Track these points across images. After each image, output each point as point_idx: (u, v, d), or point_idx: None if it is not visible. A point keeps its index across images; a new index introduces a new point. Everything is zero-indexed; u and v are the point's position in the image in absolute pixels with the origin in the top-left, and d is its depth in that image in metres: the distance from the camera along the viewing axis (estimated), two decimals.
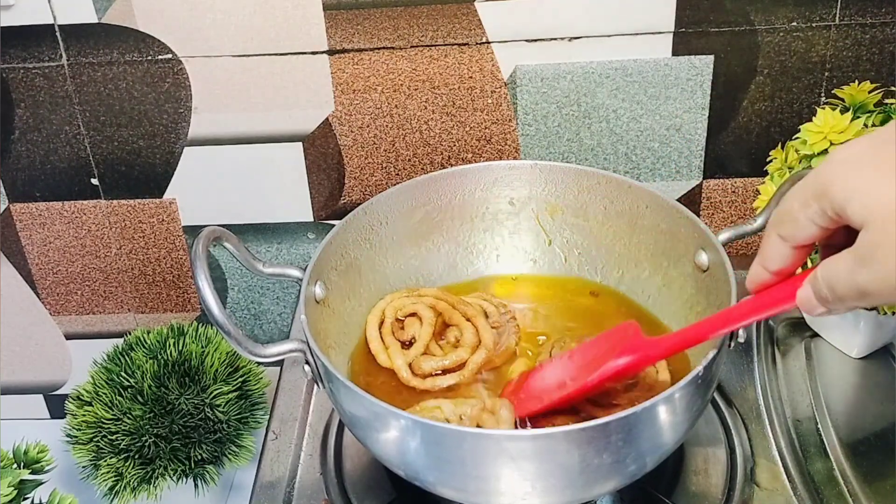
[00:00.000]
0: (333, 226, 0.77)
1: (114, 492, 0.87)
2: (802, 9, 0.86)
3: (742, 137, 0.92)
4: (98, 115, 0.96)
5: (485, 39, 0.89)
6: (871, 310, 0.77)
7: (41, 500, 0.75)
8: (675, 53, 0.89)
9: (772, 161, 0.83)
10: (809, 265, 0.52)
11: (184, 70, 0.93)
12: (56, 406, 1.16)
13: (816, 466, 0.72)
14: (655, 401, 0.57)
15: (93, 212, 1.02)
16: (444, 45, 0.90)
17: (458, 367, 0.73)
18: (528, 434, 0.57)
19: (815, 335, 0.86)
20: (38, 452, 0.77)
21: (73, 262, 1.05)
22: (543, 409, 0.65)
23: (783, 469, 0.73)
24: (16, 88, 0.94)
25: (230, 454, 0.90)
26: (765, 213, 0.72)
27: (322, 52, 0.91)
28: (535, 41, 0.89)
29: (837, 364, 0.83)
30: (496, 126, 0.94)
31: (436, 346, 0.75)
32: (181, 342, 0.92)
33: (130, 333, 0.96)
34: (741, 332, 0.64)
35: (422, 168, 0.97)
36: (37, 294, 1.08)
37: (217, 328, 0.60)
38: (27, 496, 0.75)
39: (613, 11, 0.87)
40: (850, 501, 0.69)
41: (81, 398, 0.90)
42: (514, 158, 0.95)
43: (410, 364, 0.73)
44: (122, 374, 0.90)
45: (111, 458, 0.87)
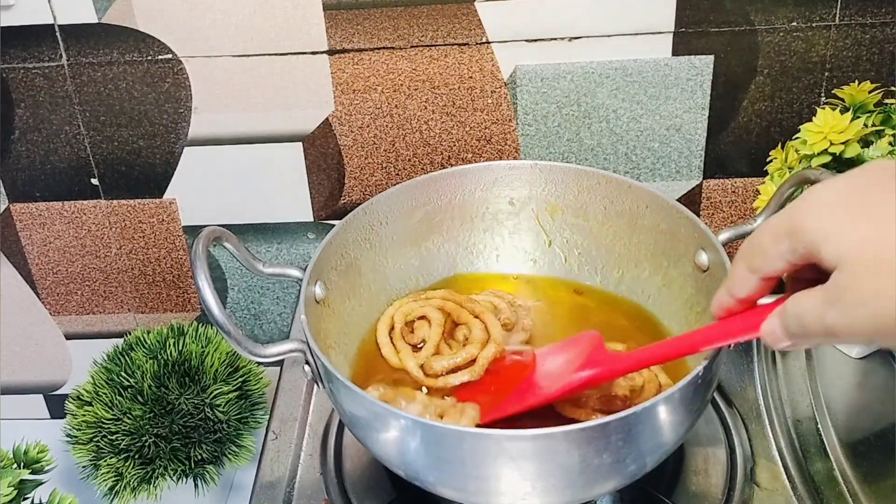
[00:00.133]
0: (333, 226, 0.77)
1: (114, 492, 0.87)
2: (802, 9, 0.86)
3: (742, 137, 0.92)
4: (98, 115, 0.96)
5: (485, 39, 0.89)
6: None
7: (41, 500, 0.75)
8: (675, 53, 0.89)
9: (772, 161, 0.83)
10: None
11: (184, 70, 0.93)
12: (56, 406, 1.16)
13: (816, 466, 0.72)
14: (655, 401, 0.57)
15: (93, 212, 1.02)
16: (444, 45, 0.90)
17: (469, 364, 0.72)
18: (529, 434, 0.57)
19: None
20: (38, 452, 0.77)
21: (73, 262, 1.05)
22: (505, 416, 0.65)
23: (783, 469, 0.73)
24: (16, 88, 0.94)
25: (230, 454, 0.90)
26: (765, 214, 0.72)
27: (322, 52, 0.91)
28: (535, 41, 0.89)
29: (837, 364, 0.83)
30: (496, 126, 0.94)
31: (445, 346, 0.75)
32: (181, 342, 0.92)
33: (130, 333, 0.96)
34: None
35: (422, 168, 0.97)
36: (37, 294, 1.08)
37: (217, 328, 0.60)
38: (27, 496, 0.75)
39: (613, 11, 0.87)
40: (850, 501, 0.69)
41: (81, 398, 0.90)
42: (514, 158, 0.95)
43: (422, 365, 0.73)
44: (122, 374, 0.90)
45: (111, 458, 0.87)
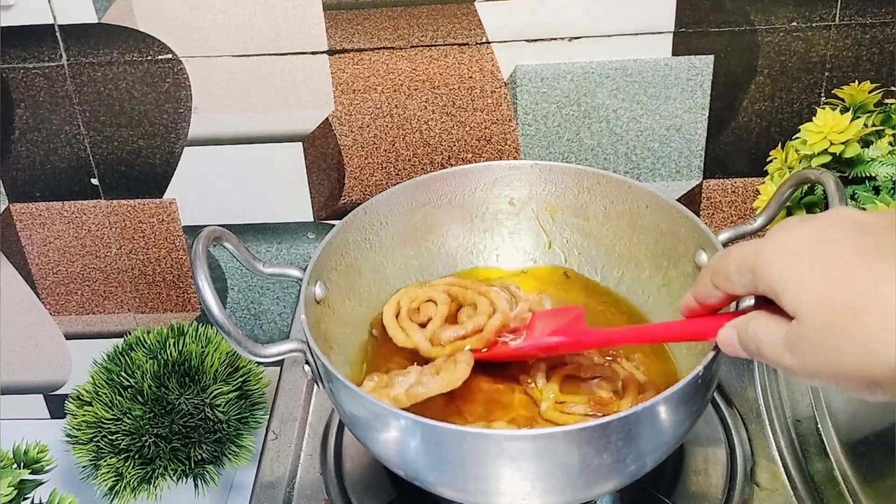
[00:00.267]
0: (333, 226, 0.77)
1: (114, 492, 0.87)
2: (802, 9, 0.86)
3: (742, 137, 0.92)
4: (98, 115, 0.96)
5: (485, 39, 0.89)
6: None
7: (41, 500, 0.75)
8: (675, 53, 0.89)
9: (772, 161, 0.83)
10: None
11: (184, 70, 0.93)
12: (56, 406, 1.16)
13: (816, 466, 0.72)
14: (655, 401, 0.57)
15: (93, 212, 1.02)
16: (444, 45, 0.90)
17: (477, 333, 0.72)
18: (529, 434, 0.57)
19: None
20: (38, 452, 0.77)
21: (73, 262, 1.05)
22: (487, 358, 0.70)
23: (783, 469, 0.73)
24: (16, 88, 0.94)
25: (230, 454, 0.90)
26: (765, 213, 0.72)
27: (322, 52, 0.91)
28: (535, 41, 0.89)
29: None
30: (496, 126, 0.94)
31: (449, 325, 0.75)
32: (181, 342, 0.92)
33: (130, 333, 0.96)
34: None
35: (422, 168, 0.97)
36: (37, 294, 1.08)
37: (217, 328, 0.60)
38: (27, 496, 0.75)
39: (613, 11, 0.87)
40: (850, 501, 0.69)
41: (81, 398, 0.90)
42: (514, 158, 0.95)
43: (430, 338, 0.73)
44: (122, 374, 0.90)
45: (111, 458, 0.87)
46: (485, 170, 0.82)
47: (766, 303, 0.49)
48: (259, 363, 0.96)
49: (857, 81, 0.77)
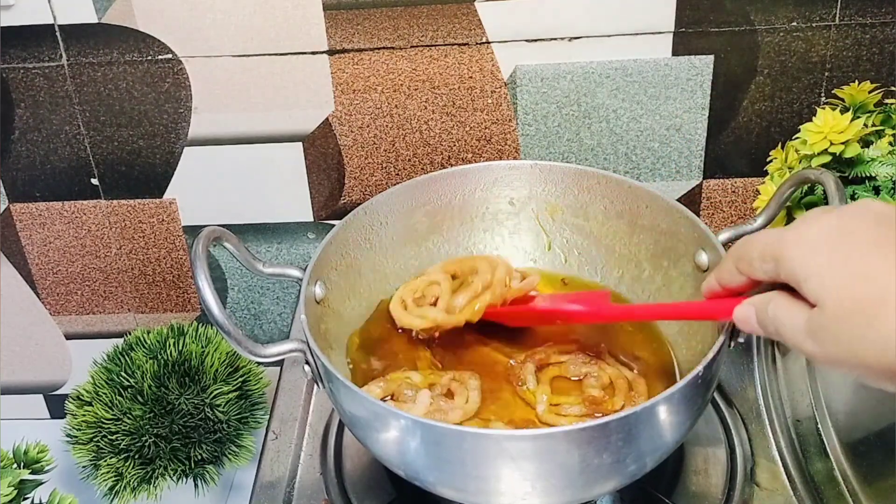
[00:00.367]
0: (333, 226, 0.77)
1: (114, 492, 0.87)
2: (802, 9, 0.86)
3: (742, 137, 0.92)
4: (98, 115, 0.96)
5: (485, 39, 0.89)
6: None
7: (41, 500, 0.75)
8: (675, 53, 0.89)
9: (772, 161, 0.83)
10: None
11: (184, 70, 0.93)
12: (56, 406, 1.16)
13: (816, 466, 0.72)
14: (655, 401, 0.57)
15: (93, 212, 1.02)
16: (444, 45, 0.90)
17: (488, 288, 0.73)
18: (529, 434, 0.57)
19: None
20: (38, 452, 0.77)
21: (73, 262, 1.05)
22: (505, 314, 0.73)
23: (783, 469, 0.73)
24: (16, 88, 0.94)
25: (230, 454, 0.90)
26: (765, 213, 0.72)
27: (322, 52, 0.91)
28: (535, 41, 0.89)
29: None
30: (496, 126, 0.94)
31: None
32: (181, 342, 0.92)
33: (130, 333, 0.96)
34: (741, 333, 0.64)
35: (422, 168, 0.97)
36: (37, 294, 1.08)
37: (217, 328, 0.60)
38: (27, 496, 0.75)
39: (613, 11, 0.87)
40: (850, 501, 0.69)
41: (81, 398, 0.90)
42: (514, 158, 0.95)
43: (445, 310, 0.73)
44: (122, 374, 0.90)
45: (111, 458, 0.87)
46: (485, 170, 0.82)
47: (787, 289, 0.49)
48: (259, 363, 0.95)
49: (857, 81, 0.77)
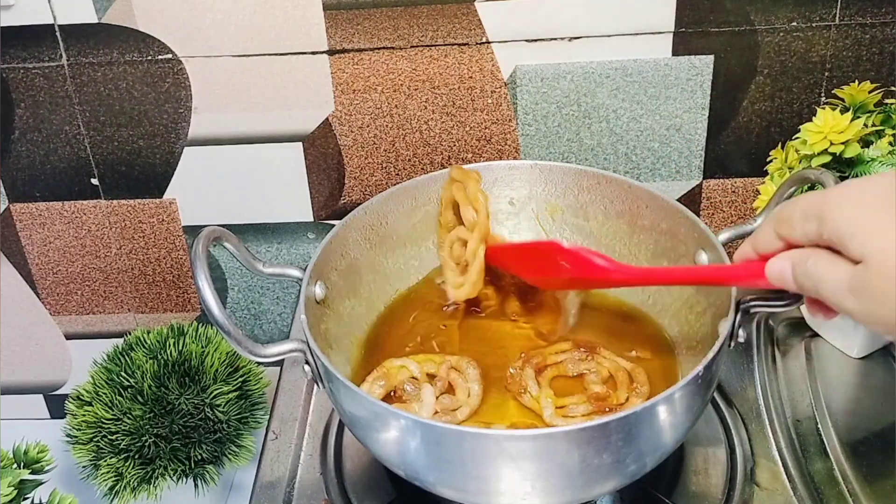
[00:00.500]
0: (333, 226, 0.77)
1: (114, 492, 0.87)
2: (802, 9, 0.86)
3: (742, 137, 0.92)
4: (98, 115, 0.96)
5: (485, 39, 0.89)
6: None
7: (41, 500, 0.75)
8: (675, 53, 0.89)
9: (772, 161, 0.83)
10: None
11: (184, 70, 0.93)
12: (56, 406, 1.16)
13: (816, 466, 0.72)
14: (655, 401, 0.57)
15: (93, 212, 1.02)
16: (444, 45, 0.90)
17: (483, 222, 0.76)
18: (529, 434, 0.57)
19: (815, 335, 0.86)
20: (38, 452, 0.77)
21: (73, 262, 1.05)
22: (509, 248, 0.75)
23: (783, 469, 0.73)
24: (16, 88, 0.94)
25: (230, 454, 0.90)
26: (765, 214, 0.72)
27: (322, 52, 0.91)
28: (535, 41, 0.89)
29: (837, 364, 0.83)
30: (496, 126, 0.94)
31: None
32: (181, 342, 0.92)
33: (130, 333, 0.96)
34: (741, 333, 0.64)
35: (422, 168, 0.97)
36: (37, 294, 1.08)
37: (217, 328, 0.60)
38: (27, 496, 0.75)
39: (613, 11, 0.87)
40: (850, 501, 0.69)
41: (81, 398, 0.90)
42: (514, 158, 0.95)
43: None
44: (122, 374, 0.90)
45: (111, 458, 0.87)
46: (485, 170, 0.82)
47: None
48: (259, 363, 0.95)
49: (857, 81, 0.77)
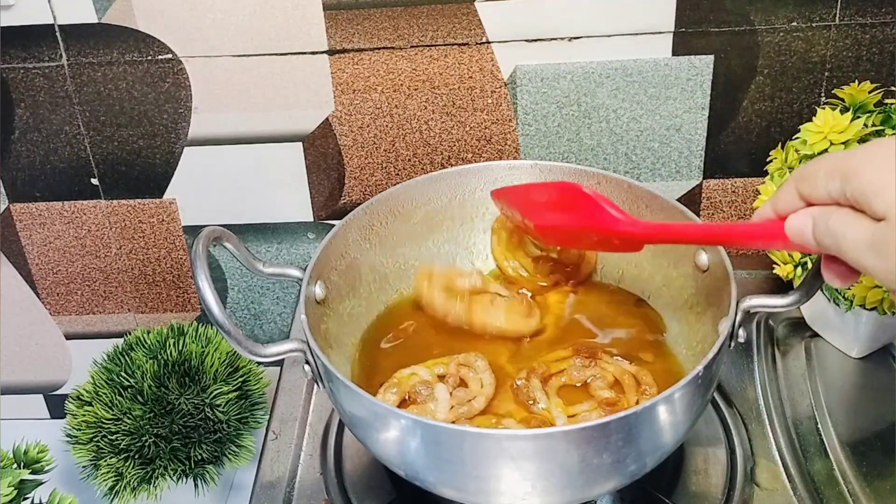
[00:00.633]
0: (333, 226, 0.77)
1: (114, 492, 0.87)
2: (802, 9, 0.86)
3: (742, 137, 0.92)
4: (98, 115, 0.96)
5: (485, 39, 0.89)
6: (871, 310, 0.77)
7: (41, 500, 0.75)
8: (675, 53, 0.89)
9: (772, 161, 0.83)
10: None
11: (184, 70, 0.93)
12: (56, 406, 1.16)
13: (816, 466, 0.72)
14: (655, 401, 0.57)
15: (93, 212, 1.02)
16: (444, 45, 0.90)
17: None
18: (529, 433, 0.57)
19: (815, 335, 0.86)
20: (38, 452, 0.77)
21: (73, 262, 1.05)
22: (525, 187, 0.76)
23: (783, 469, 0.73)
24: (16, 88, 0.94)
25: (230, 454, 0.90)
26: None
27: (322, 52, 0.91)
28: (535, 41, 0.89)
29: (837, 364, 0.83)
30: (496, 126, 0.94)
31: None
32: (181, 342, 0.92)
33: (130, 333, 0.96)
34: (741, 333, 0.65)
35: (422, 168, 0.97)
36: (37, 294, 1.08)
37: (217, 328, 0.60)
38: (27, 496, 0.75)
39: (613, 11, 0.87)
40: (850, 501, 0.69)
41: (81, 398, 0.90)
42: (514, 158, 0.95)
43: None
44: (122, 374, 0.90)
45: (111, 458, 0.87)
46: (485, 170, 0.82)
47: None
48: (259, 363, 0.96)
49: (857, 81, 0.77)
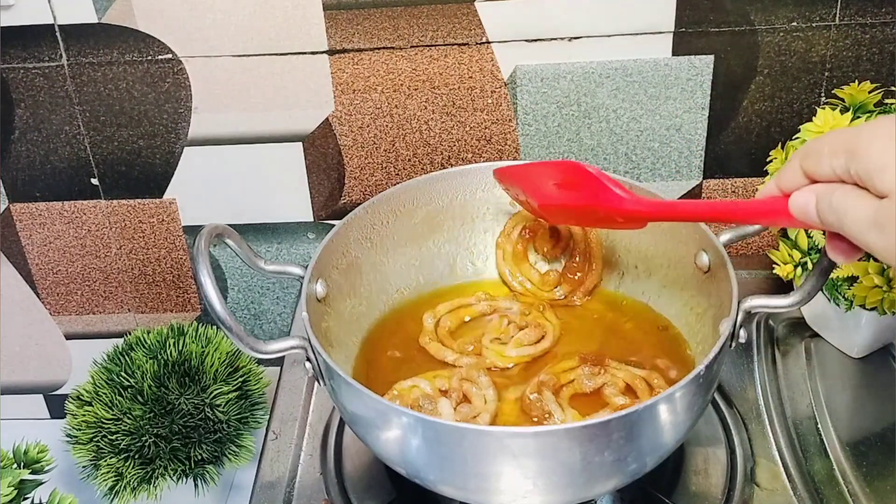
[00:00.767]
0: (333, 226, 0.77)
1: (114, 492, 0.86)
2: (802, 9, 0.86)
3: (742, 137, 0.93)
4: (98, 115, 0.96)
5: (485, 39, 0.89)
6: (871, 310, 0.77)
7: (41, 500, 0.75)
8: (675, 53, 0.89)
9: (772, 161, 0.83)
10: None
11: (184, 70, 0.93)
12: (56, 406, 1.16)
13: (816, 466, 0.72)
14: (656, 400, 0.57)
15: (93, 212, 1.02)
16: (444, 45, 0.90)
17: None
18: (530, 431, 0.57)
19: (815, 335, 0.86)
20: (38, 452, 0.77)
21: (73, 262, 1.05)
22: (526, 166, 0.74)
23: (783, 469, 0.73)
24: (16, 88, 0.94)
25: (230, 454, 0.90)
26: None
27: (322, 52, 0.91)
28: (535, 41, 0.89)
29: (837, 364, 0.83)
30: (496, 126, 0.94)
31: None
32: (181, 342, 0.92)
33: (130, 333, 0.96)
34: (742, 333, 0.65)
35: (422, 168, 0.97)
36: (37, 294, 1.08)
37: (219, 324, 0.60)
38: (27, 496, 0.75)
39: (613, 11, 0.87)
40: (850, 501, 0.69)
41: (81, 398, 0.90)
42: (514, 158, 0.95)
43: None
44: (122, 374, 0.90)
45: (111, 458, 0.87)
46: (485, 170, 0.82)
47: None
48: (260, 361, 0.95)
49: (857, 81, 0.77)
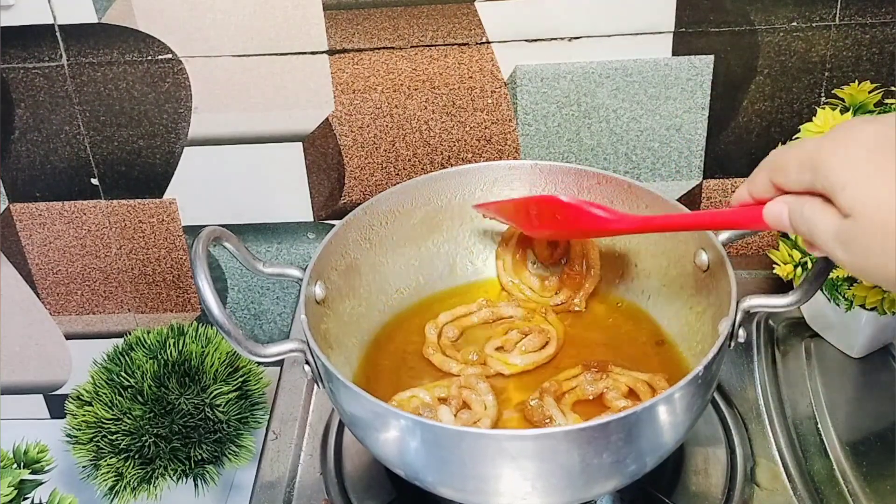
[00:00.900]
0: (333, 226, 0.77)
1: (114, 492, 0.87)
2: (802, 9, 0.86)
3: (742, 137, 0.93)
4: (98, 115, 0.96)
5: (485, 39, 0.89)
6: (871, 310, 0.77)
7: (41, 500, 0.75)
8: (675, 53, 0.89)
9: None
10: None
11: (184, 70, 0.93)
12: (56, 406, 1.16)
13: (816, 466, 0.72)
14: (655, 400, 0.57)
15: (93, 212, 1.02)
16: (444, 45, 0.90)
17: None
18: (529, 434, 0.57)
19: (815, 335, 0.86)
20: (38, 452, 0.77)
21: (73, 262, 1.05)
22: (506, 203, 0.77)
23: (783, 469, 0.73)
24: (16, 88, 0.94)
25: (230, 454, 0.90)
26: None
27: (322, 52, 0.91)
28: (535, 41, 0.89)
29: (837, 364, 0.83)
30: (496, 126, 0.94)
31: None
32: (181, 342, 0.92)
33: (130, 333, 0.96)
34: (741, 333, 0.65)
35: (422, 168, 0.97)
36: (37, 294, 1.08)
37: (217, 328, 0.60)
38: (27, 496, 0.75)
39: (613, 11, 0.87)
40: (850, 501, 0.69)
41: (81, 398, 0.90)
42: (514, 158, 0.95)
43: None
44: (122, 374, 0.90)
45: (111, 458, 0.87)
46: (485, 170, 0.82)
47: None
48: (259, 363, 0.96)
49: (857, 81, 0.77)
